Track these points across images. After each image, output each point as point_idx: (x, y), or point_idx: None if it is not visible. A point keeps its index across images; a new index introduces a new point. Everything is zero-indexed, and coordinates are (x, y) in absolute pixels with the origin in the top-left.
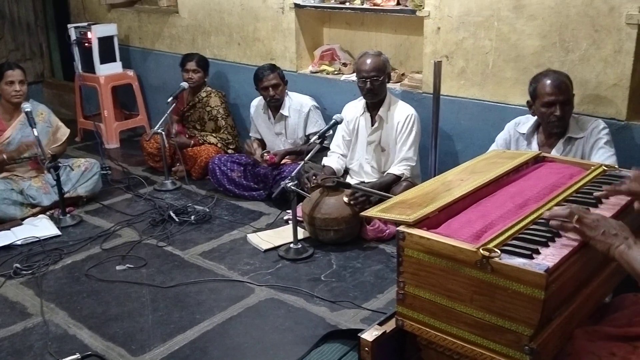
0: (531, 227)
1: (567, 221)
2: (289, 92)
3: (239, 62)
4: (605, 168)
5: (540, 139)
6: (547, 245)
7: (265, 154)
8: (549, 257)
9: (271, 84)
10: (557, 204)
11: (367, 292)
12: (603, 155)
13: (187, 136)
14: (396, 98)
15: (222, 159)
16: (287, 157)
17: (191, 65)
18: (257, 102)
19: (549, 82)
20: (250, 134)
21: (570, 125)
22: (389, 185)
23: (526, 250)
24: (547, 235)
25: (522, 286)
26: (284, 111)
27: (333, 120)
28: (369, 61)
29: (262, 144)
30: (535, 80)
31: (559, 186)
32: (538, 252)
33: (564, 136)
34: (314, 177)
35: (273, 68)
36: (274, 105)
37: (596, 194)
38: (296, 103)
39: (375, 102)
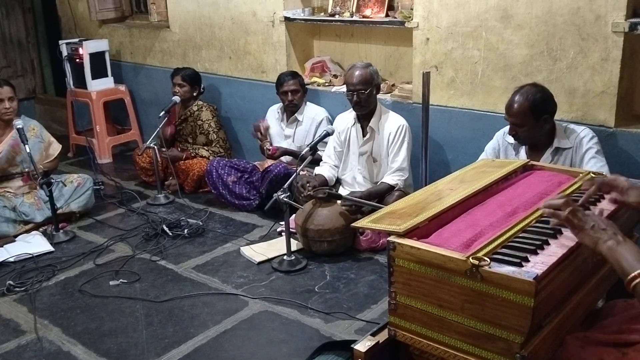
0: (520, 235)
1: (560, 210)
2: (307, 102)
3: (230, 76)
4: (593, 175)
5: (528, 149)
6: (536, 253)
7: (267, 144)
8: (538, 264)
9: (290, 89)
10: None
11: (361, 302)
12: (595, 166)
13: (179, 149)
14: (387, 109)
15: (220, 162)
16: (286, 155)
17: (177, 79)
18: (275, 107)
19: (508, 101)
20: None
21: (557, 136)
22: (383, 195)
23: (515, 258)
24: (537, 243)
25: (511, 294)
26: (299, 116)
27: (324, 132)
28: (356, 74)
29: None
30: None
31: (548, 194)
32: (527, 260)
33: (551, 146)
34: (307, 183)
35: (295, 75)
36: (291, 110)
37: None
38: (311, 111)
39: (365, 114)
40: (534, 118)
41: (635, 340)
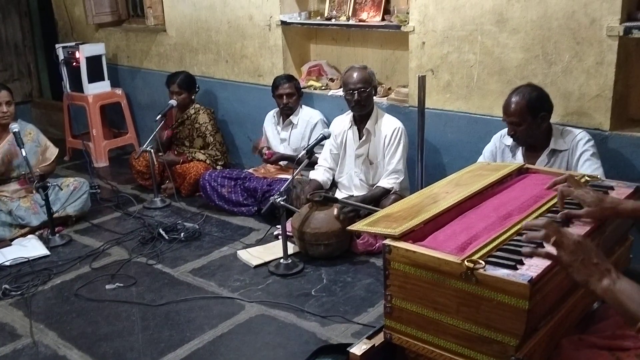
0: (515, 238)
1: (540, 246)
2: (303, 105)
3: (227, 79)
4: (588, 178)
5: (525, 151)
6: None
7: (264, 148)
8: (532, 267)
9: (286, 92)
10: (540, 215)
11: (357, 306)
12: (589, 168)
13: (175, 153)
14: (383, 111)
15: (212, 175)
16: (282, 161)
17: (174, 87)
18: (272, 112)
19: (505, 101)
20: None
21: (553, 138)
22: (379, 199)
23: (510, 261)
24: (531, 245)
25: (506, 297)
26: (294, 119)
27: (320, 135)
28: (355, 74)
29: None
30: None
31: (543, 197)
32: (522, 263)
33: (547, 148)
34: (302, 195)
35: (290, 78)
36: (286, 113)
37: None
38: (306, 114)
39: (362, 115)
40: (532, 115)
41: (628, 347)
